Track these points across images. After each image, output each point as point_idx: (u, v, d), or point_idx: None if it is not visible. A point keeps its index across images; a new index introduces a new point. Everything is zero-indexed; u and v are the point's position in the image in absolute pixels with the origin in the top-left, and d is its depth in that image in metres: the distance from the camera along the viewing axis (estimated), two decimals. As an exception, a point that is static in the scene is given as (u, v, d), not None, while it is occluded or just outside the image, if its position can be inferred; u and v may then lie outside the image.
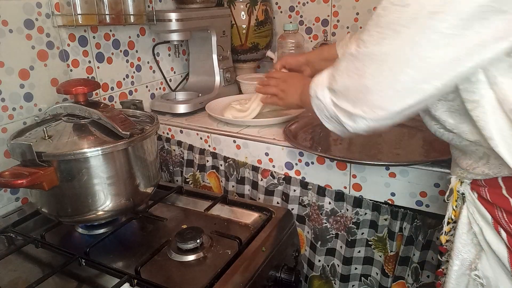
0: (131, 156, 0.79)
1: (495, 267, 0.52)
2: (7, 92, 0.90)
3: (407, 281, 0.85)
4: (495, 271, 0.51)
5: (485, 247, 0.53)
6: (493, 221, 0.51)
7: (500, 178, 0.50)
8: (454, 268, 0.56)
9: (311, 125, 1.05)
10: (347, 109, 0.54)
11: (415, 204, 0.82)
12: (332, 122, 0.59)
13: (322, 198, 0.91)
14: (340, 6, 1.37)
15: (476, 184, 0.54)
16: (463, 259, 0.56)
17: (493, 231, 0.51)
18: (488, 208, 0.51)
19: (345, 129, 0.57)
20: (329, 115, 0.58)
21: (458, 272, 0.56)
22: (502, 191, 0.49)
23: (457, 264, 0.56)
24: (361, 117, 0.52)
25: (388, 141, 0.94)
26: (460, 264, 0.56)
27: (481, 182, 0.53)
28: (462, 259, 0.56)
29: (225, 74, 1.35)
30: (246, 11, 1.38)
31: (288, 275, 0.77)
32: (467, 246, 0.55)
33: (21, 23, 0.91)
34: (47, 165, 0.71)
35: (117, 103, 1.17)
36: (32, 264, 0.76)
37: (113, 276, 0.70)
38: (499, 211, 0.50)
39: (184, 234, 0.77)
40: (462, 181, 0.56)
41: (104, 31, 1.11)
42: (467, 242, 0.55)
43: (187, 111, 1.19)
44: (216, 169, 1.09)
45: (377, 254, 0.91)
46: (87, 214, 0.77)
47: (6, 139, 0.88)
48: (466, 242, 0.55)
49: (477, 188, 0.53)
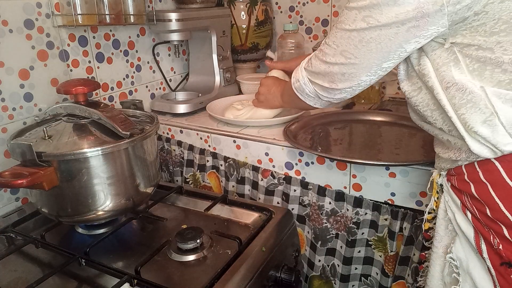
0: (131, 156, 0.79)
1: (465, 248, 0.57)
2: (7, 92, 0.90)
3: (407, 281, 0.85)
4: (466, 251, 0.57)
5: (458, 231, 0.58)
6: (461, 205, 0.57)
7: (464, 165, 0.56)
8: (434, 252, 0.63)
9: (311, 125, 1.05)
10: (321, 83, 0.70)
11: (415, 204, 0.82)
12: (311, 98, 0.75)
13: (322, 198, 0.91)
14: (340, 6, 1.37)
15: (450, 174, 0.60)
16: (442, 244, 0.61)
17: (462, 214, 0.57)
18: (457, 194, 0.58)
19: (322, 100, 0.74)
20: (309, 91, 0.74)
21: (438, 256, 0.62)
22: (465, 177, 0.55)
23: (437, 248, 0.62)
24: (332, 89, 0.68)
25: (388, 141, 0.94)
26: (439, 248, 0.62)
27: (452, 172, 0.59)
28: (441, 243, 0.61)
29: (225, 74, 1.35)
30: (246, 11, 1.38)
31: (288, 275, 0.77)
32: (444, 231, 0.61)
33: (21, 23, 0.91)
34: (47, 165, 0.71)
35: (117, 103, 1.17)
36: (32, 264, 0.76)
37: (113, 276, 0.70)
38: (465, 196, 0.56)
39: (184, 234, 0.77)
40: (440, 174, 0.63)
41: (104, 31, 1.11)
42: (444, 228, 0.61)
43: (187, 111, 1.19)
44: (216, 169, 1.09)
45: (377, 254, 0.91)
46: (87, 214, 0.77)
47: (6, 139, 0.88)
48: (443, 228, 0.61)
49: (450, 178, 0.59)
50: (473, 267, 0.56)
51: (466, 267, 0.56)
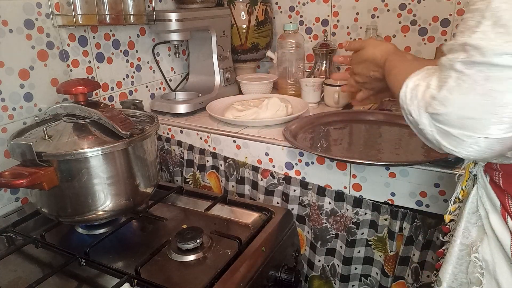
0: (131, 156, 0.79)
1: (495, 252, 0.51)
2: (7, 92, 0.90)
3: (407, 281, 0.85)
4: (495, 256, 0.51)
5: (488, 231, 0.52)
6: (501, 208, 0.49)
7: None
8: (454, 249, 0.56)
9: (311, 125, 1.05)
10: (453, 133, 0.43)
11: (415, 204, 0.82)
12: (430, 142, 0.49)
13: (322, 198, 0.91)
14: (340, 6, 1.38)
15: (490, 167, 0.51)
16: (465, 240, 0.55)
17: (499, 217, 0.50)
18: (498, 194, 0.50)
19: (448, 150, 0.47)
20: (427, 138, 0.48)
21: (459, 253, 0.56)
22: None
23: (458, 244, 0.56)
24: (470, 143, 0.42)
25: (388, 141, 0.94)
26: (461, 245, 0.56)
27: (496, 166, 0.50)
28: (464, 239, 0.55)
29: (225, 74, 1.35)
30: (246, 11, 1.38)
31: (288, 275, 0.77)
32: (471, 227, 0.54)
33: (21, 23, 0.91)
34: (47, 165, 0.71)
35: (117, 103, 1.17)
36: (32, 264, 0.76)
37: (113, 276, 0.70)
38: (510, 198, 0.48)
39: (184, 234, 0.77)
40: (476, 162, 0.55)
41: (104, 31, 1.11)
42: (471, 223, 0.54)
43: (187, 111, 1.19)
44: (216, 169, 1.09)
45: (377, 254, 0.91)
46: (87, 214, 0.77)
47: (6, 139, 0.88)
48: (470, 223, 0.54)
49: (490, 171, 0.52)
50: (501, 273, 0.50)
51: (493, 271, 0.51)
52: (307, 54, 1.41)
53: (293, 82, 1.31)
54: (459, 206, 0.59)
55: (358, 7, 1.35)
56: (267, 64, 1.58)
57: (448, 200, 0.78)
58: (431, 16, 1.25)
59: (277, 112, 1.06)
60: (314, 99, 1.22)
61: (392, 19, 1.31)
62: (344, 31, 1.39)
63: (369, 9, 1.33)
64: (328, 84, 1.18)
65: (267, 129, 1.04)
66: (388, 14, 1.31)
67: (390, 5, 1.30)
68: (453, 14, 1.22)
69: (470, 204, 0.55)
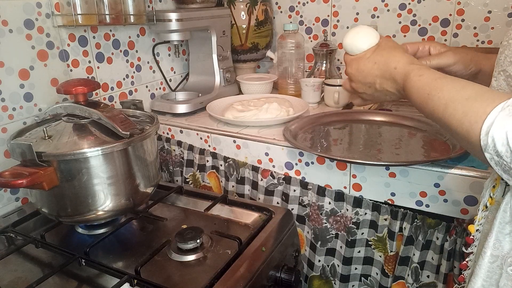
0: (131, 156, 0.79)
1: None
2: (7, 92, 0.90)
3: (407, 281, 0.85)
4: None
5: None
6: None
7: None
8: (484, 261, 0.51)
9: (311, 125, 1.05)
10: None
11: (415, 204, 0.82)
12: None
13: (322, 198, 0.91)
14: (340, 6, 1.38)
15: None
16: (496, 251, 0.51)
17: None
18: None
19: None
20: None
21: (489, 265, 0.52)
22: None
23: (488, 256, 0.51)
24: None
25: (388, 141, 0.94)
26: (491, 257, 0.52)
27: None
28: (495, 251, 0.51)
29: (225, 74, 1.35)
30: (246, 11, 1.38)
31: (288, 275, 0.77)
32: (502, 237, 0.51)
33: (21, 23, 0.91)
34: (47, 165, 0.71)
35: (117, 103, 1.17)
36: (32, 264, 0.76)
37: (113, 276, 0.70)
38: None
39: (184, 234, 0.77)
40: None
41: (104, 31, 1.11)
42: (503, 233, 0.51)
43: (187, 111, 1.19)
44: (216, 169, 1.09)
45: (377, 254, 0.91)
46: (87, 214, 0.77)
47: (6, 139, 0.88)
48: (502, 233, 0.50)
49: None
50: None
51: None
52: (307, 54, 1.41)
53: (293, 82, 1.31)
54: (485, 215, 0.54)
55: (358, 7, 1.35)
56: (267, 64, 1.58)
57: (448, 200, 0.79)
58: (431, 16, 1.25)
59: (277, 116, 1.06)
60: (314, 99, 1.22)
61: (392, 19, 1.31)
62: (344, 31, 1.39)
63: (369, 9, 1.33)
64: (328, 84, 1.19)
65: (267, 129, 1.04)
66: (388, 14, 1.31)
67: (390, 5, 1.30)
68: (453, 14, 1.22)
69: (502, 213, 0.50)
